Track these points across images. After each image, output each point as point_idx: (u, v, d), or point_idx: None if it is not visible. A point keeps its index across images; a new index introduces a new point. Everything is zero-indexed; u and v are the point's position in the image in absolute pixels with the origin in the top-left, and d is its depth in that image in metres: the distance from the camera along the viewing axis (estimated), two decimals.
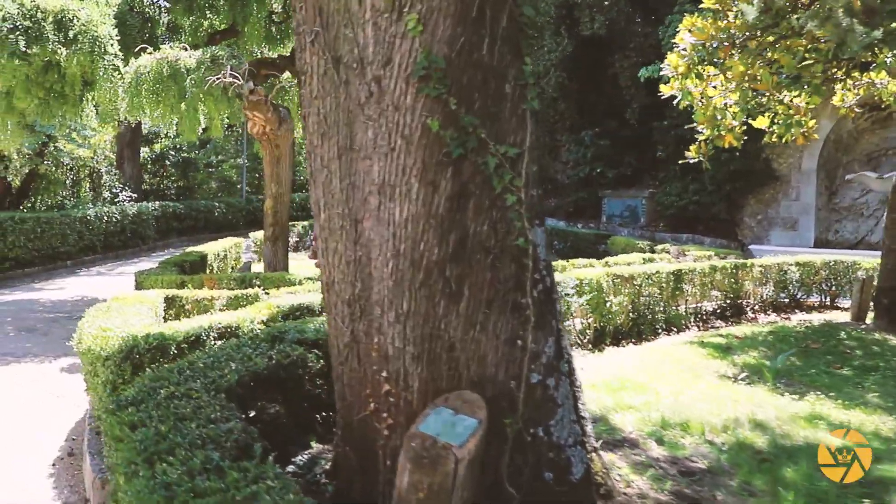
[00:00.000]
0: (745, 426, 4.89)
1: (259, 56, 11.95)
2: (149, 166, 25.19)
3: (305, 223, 20.88)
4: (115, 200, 20.06)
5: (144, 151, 24.56)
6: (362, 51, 3.02)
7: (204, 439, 2.85)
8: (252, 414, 3.77)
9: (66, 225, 16.32)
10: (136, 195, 21.11)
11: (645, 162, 21.27)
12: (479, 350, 2.99)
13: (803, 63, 6.92)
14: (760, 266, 10.87)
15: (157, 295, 7.64)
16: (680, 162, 9.76)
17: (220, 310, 8.02)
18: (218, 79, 9.31)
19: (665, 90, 8.57)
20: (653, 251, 15.93)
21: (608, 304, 8.55)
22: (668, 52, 8.22)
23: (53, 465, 5.53)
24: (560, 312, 3.25)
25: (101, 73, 9.93)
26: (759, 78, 7.39)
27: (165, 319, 7.54)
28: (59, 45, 9.75)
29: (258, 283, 9.42)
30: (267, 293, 8.16)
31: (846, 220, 18.73)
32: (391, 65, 2.95)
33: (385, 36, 2.95)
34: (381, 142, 3.00)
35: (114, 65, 10.02)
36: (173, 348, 4.96)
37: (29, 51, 9.62)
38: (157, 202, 20.78)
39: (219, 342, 5.41)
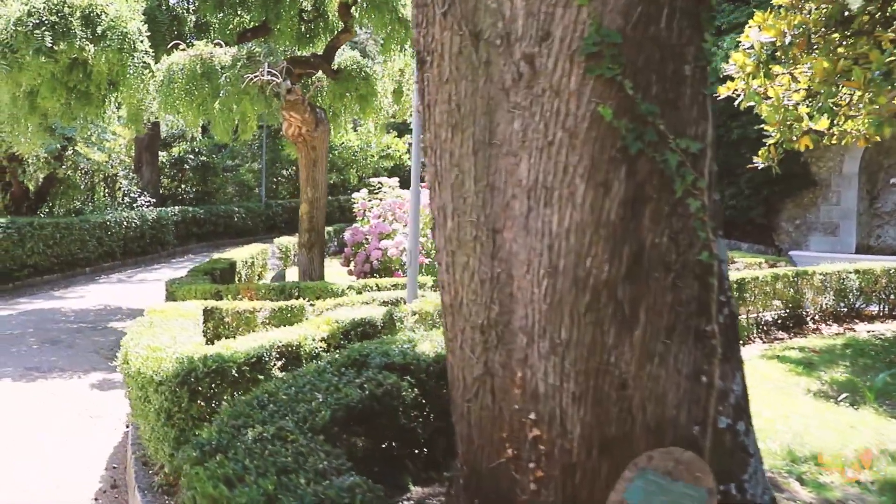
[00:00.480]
0: (880, 459, 4.33)
1: (291, 55, 11.44)
2: (167, 170, 24.73)
3: (330, 228, 20.34)
4: (134, 206, 19.57)
5: (162, 155, 24.11)
6: (509, 24, 2.47)
7: (323, 502, 2.30)
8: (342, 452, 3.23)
9: (86, 231, 15.83)
10: (154, 200, 20.63)
11: None
12: (656, 388, 2.43)
13: (891, 59, 6.40)
14: (821, 274, 10.28)
15: (195, 307, 7.11)
16: (748, 167, 9.21)
17: (263, 323, 7.49)
18: (256, 76, 8.79)
19: (722, 91, 8.00)
20: None
21: None
22: (732, 52, 7.70)
23: (96, 499, 4.99)
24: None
25: (130, 71, 9.42)
26: (850, 75, 6.84)
27: (205, 334, 7.00)
28: (87, 42, 9.25)
29: (297, 293, 8.88)
30: (312, 305, 7.63)
31: (888, 226, 18.12)
32: (549, 40, 2.40)
33: (541, 6, 2.41)
34: (534, 134, 2.45)
35: (144, 62, 9.51)
36: (234, 371, 4.43)
37: (56, 47, 9.12)
38: (176, 207, 20.30)
39: (279, 362, 4.88)
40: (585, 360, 2.44)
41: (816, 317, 10.29)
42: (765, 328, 9.62)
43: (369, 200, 14.14)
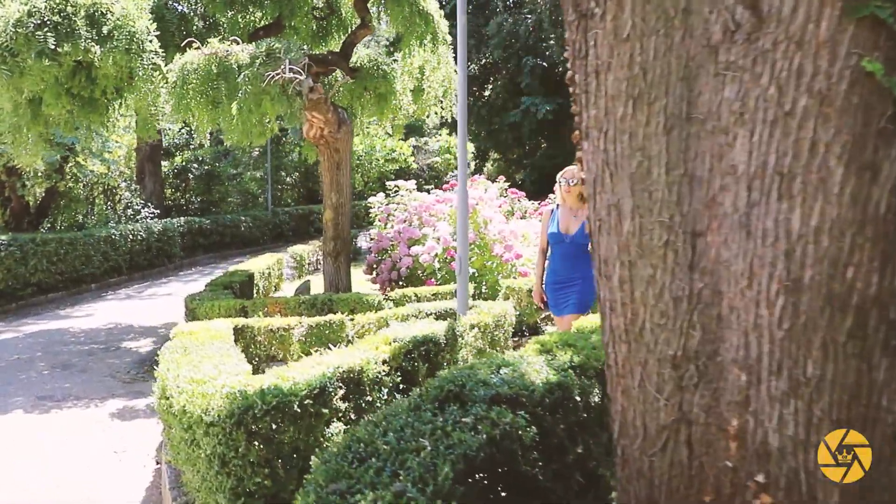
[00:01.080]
0: None
1: (307, 53, 10.80)
2: (170, 180, 24.04)
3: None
4: (138, 218, 18.90)
5: (165, 165, 23.44)
6: None
7: None
8: None
9: (90, 245, 15.15)
10: (158, 211, 19.96)
11: None
12: None
13: None
14: None
15: (226, 327, 6.47)
16: None
17: (300, 341, 6.85)
18: (277, 74, 8.15)
19: None
20: None
21: None
22: None
23: None
24: None
25: (139, 73, 8.77)
26: None
27: None
28: (93, 43, 8.60)
29: (329, 306, 8.23)
30: (351, 319, 6.99)
31: None
32: None
33: None
34: (760, 104, 1.82)
35: (154, 63, 8.86)
36: (296, 406, 3.79)
37: (59, 49, 8.48)
38: (182, 218, 19.62)
39: (340, 390, 4.24)
40: (846, 405, 1.80)
41: None
42: None
43: (386, 205, 13.51)
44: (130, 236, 16.57)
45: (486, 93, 23.00)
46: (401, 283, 11.12)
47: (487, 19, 22.47)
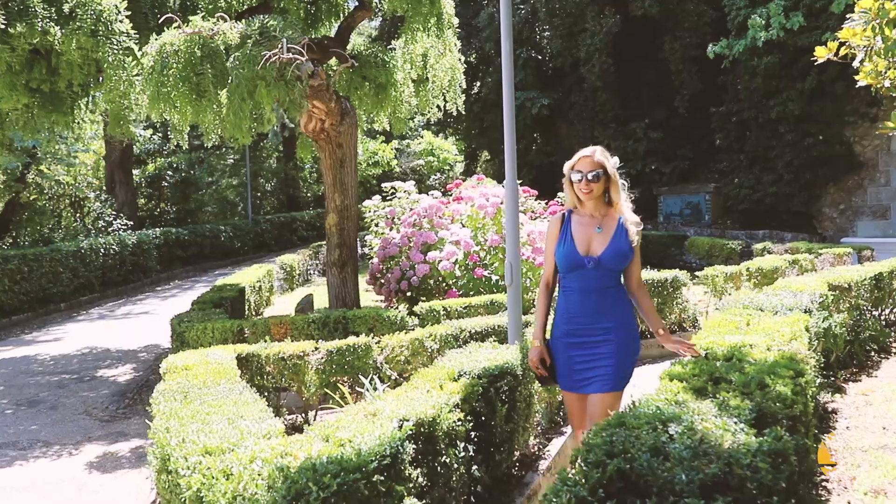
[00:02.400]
0: None
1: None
2: (143, 189, 22.52)
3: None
4: (110, 230, 17.46)
5: (136, 173, 21.93)
6: None
7: None
8: None
9: (58, 261, 13.72)
10: (131, 223, 18.51)
11: (700, 153, 19.16)
12: None
13: None
14: None
15: (229, 357, 5.24)
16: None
17: (317, 370, 5.62)
18: (274, 54, 6.94)
19: (822, 53, 6.29)
20: (749, 251, 13.75)
21: (831, 325, 6.26)
22: None
23: None
24: None
25: (108, 59, 7.50)
26: None
27: None
28: (52, 24, 7.33)
29: (343, 325, 7.00)
30: (378, 342, 5.78)
31: None
32: None
33: None
34: None
35: (125, 47, 7.58)
36: (362, 486, 2.60)
37: (10, 30, 7.20)
38: (157, 229, 18.16)
39: (409, 447, 3.05)
40: None
41: None
42: None
43: (383, 208, 12.32)
44: (102, 250, 15.14)
45: (475, 90, 21.85)
46: (409, 294, 9.93)
47: (477, 11, 21.35)
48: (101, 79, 8.64)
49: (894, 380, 6.31)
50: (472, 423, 3.66)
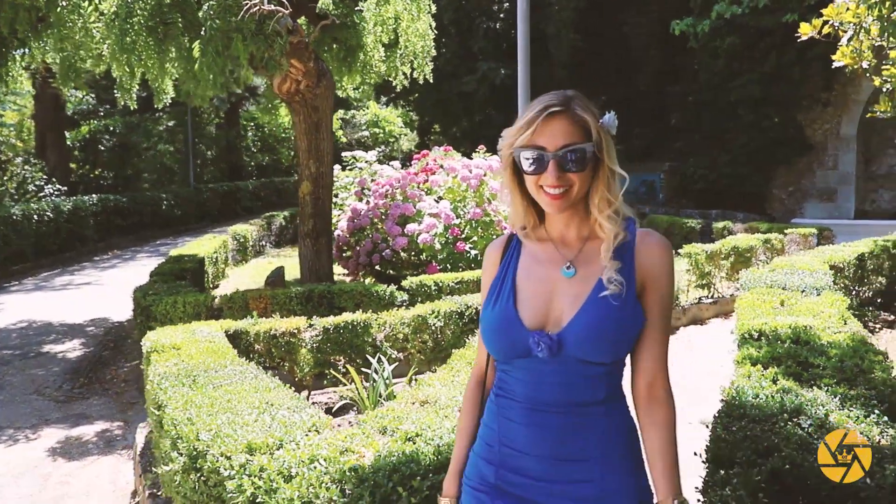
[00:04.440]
0: None
1: None
2: (76, 153, 21.13)
3: (286, 213, 17.67)
4: (41, 196, 16.30)
5: (68, 136, 20.55)
6: None
7: None
8: None
9: None
10: (64, 188, 17.34)
11: (657, 133, 19.22)
12: None
13: None
14: None
15: (219, 335, 4.76)
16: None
17: (311, 349, 5.20)
18: (255, 4, 6.36)
19: (805, 30, 6.19)
20: (709, 230, 13.84)
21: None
22: None
23: None
24: None
25: (62, 3, 6.77)
26: None
27: None
28: None
29: (328, 299, 6.55)
30: (376, 319, 5.39)
31: (883, 190, 17.30)
32: None
33: None
34: None
35: None
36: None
37: None
38: (93, 196, 17.02)
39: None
40: None
41: None
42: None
43: (346, 178, 11.84)
44: (36, 217, 14.07)
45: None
46: (378, 268, 9.51)
47: None
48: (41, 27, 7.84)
49: None
50: None
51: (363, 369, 4.96)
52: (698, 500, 1.99)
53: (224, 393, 3.17)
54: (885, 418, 2.25)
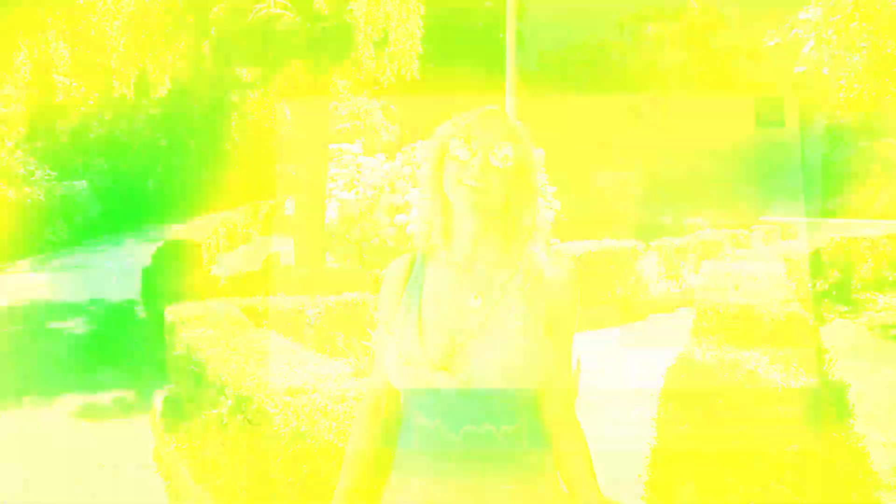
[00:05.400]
0: None
1: None
2: (67, 140, 21.14)
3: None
4: (32, 181, 16.51)
5: None
6: None
7: None
8: None
9: None
10: (55, 173, 17.55)
11: None
12: None
13: None
14: None
15: (233, 308, 5.27)
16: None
17: (315, 325, 5.73)
18: (264, 6, 6.86)
19: None
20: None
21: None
22: None
23: None
24: None
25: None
26: None
27: None
28: None
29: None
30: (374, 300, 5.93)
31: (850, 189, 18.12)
32: None
33: None
34: None
35: None
36: None
37: None
38: (83, 181, 17.20)
39: None
40: None
41: None
42: None
43: (332, 169, 12.29)
44: (28, 201, 14.34)
45: None
46: (365, 256, 10.03)
47: None
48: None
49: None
50: None
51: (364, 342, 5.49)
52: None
53: (255, 352, 3.70)
54: None
